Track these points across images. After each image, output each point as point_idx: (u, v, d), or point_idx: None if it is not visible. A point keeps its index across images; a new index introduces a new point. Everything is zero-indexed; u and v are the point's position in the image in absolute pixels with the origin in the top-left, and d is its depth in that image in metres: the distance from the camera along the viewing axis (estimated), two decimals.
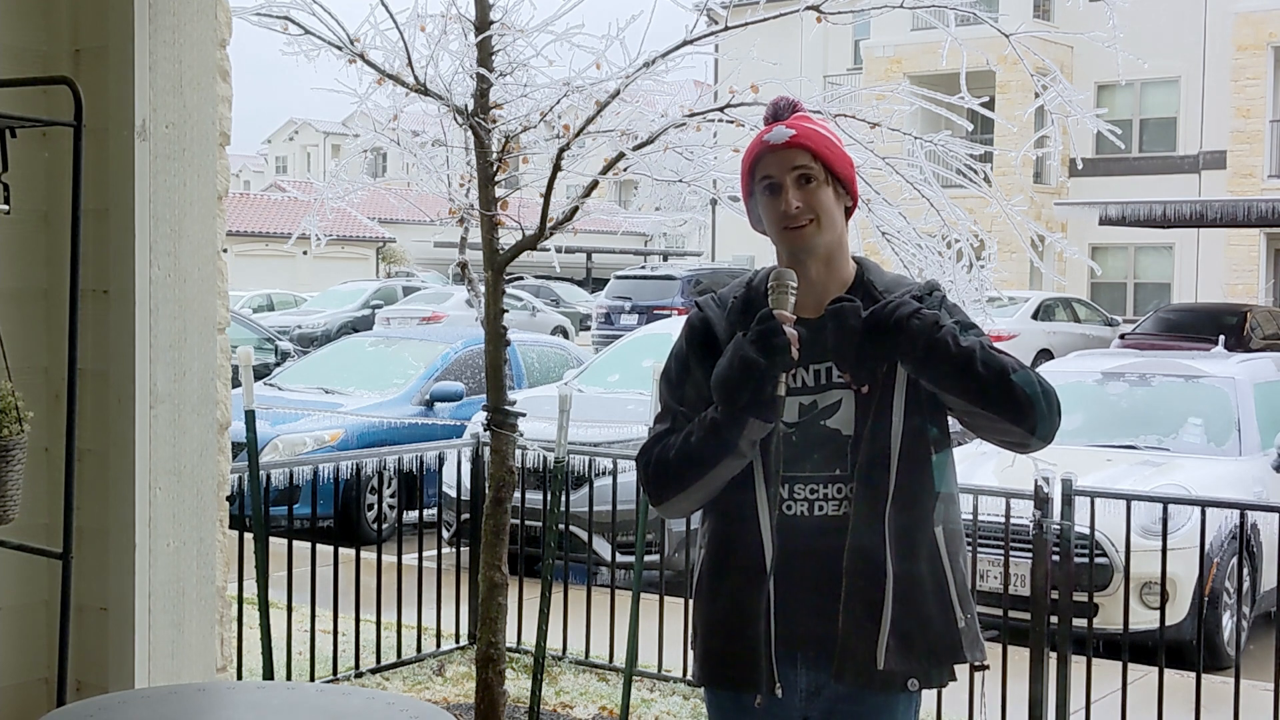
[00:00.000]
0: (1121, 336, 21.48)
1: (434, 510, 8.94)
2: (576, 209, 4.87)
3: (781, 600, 2.58)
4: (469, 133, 4.88)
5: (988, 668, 2.76)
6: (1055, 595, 5.43)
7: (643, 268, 32.10)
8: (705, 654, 2.71)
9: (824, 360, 2.61)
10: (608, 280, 28.78)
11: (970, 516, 5.51)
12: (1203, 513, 5.39)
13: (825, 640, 2.59)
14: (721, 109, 4.68)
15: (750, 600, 2.60)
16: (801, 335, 2.52)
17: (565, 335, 27.05)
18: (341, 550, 6.18)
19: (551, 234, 4.87)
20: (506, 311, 5.00)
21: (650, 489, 2.69)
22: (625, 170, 4.87)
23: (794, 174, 2.62)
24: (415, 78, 4.79)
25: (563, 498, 6.49)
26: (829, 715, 2.63)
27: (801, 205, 2.61)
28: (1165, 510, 5.46)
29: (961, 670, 2.72)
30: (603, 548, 7.98)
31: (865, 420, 2.58)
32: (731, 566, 2.64)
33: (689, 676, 6.31)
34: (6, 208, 3.11)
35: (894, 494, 2.56)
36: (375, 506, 10.31)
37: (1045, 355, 20.85)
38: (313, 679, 6.02)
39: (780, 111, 2.73)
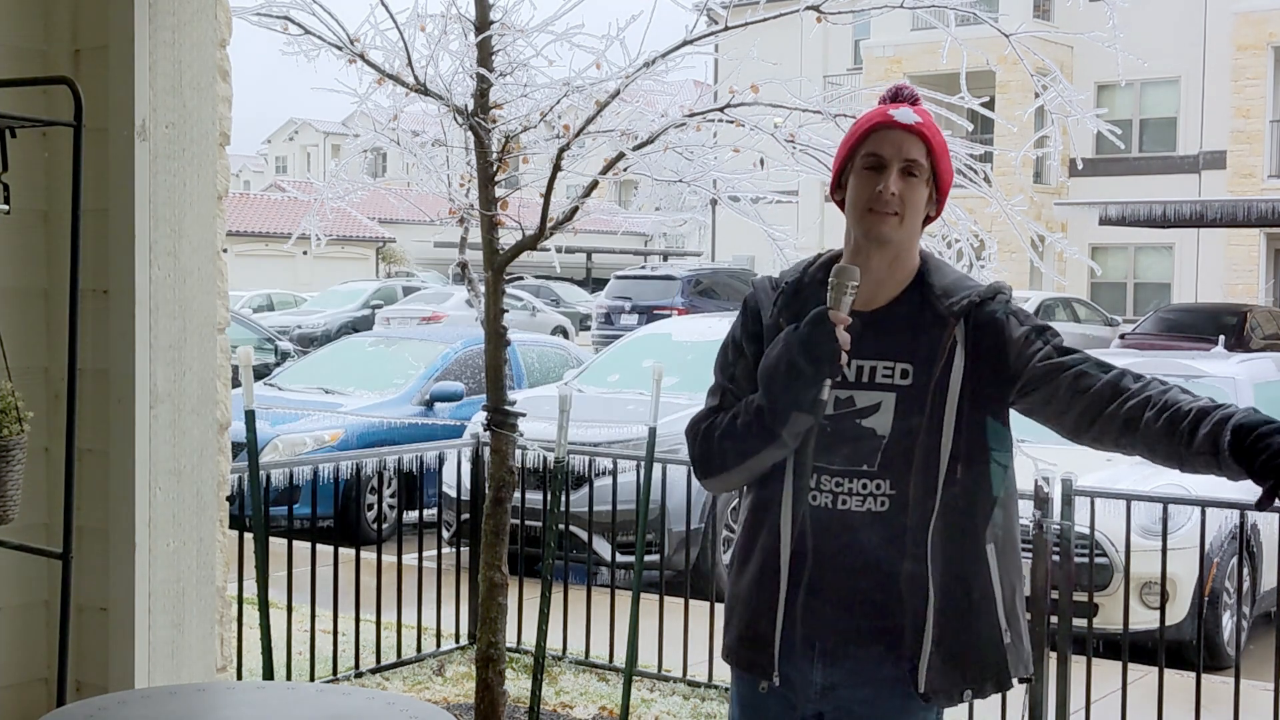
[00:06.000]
0: (1121, 336, 21.48)
1: (434, 510, 8.94)
2: (576, 209, 4.87)
3: (797, 591, 2.57)
4: (469, 133, 4.88)
5: (1031, 681, 2.73)
6: (1055, 595, 5.43)
7: (643, 268, 32.12)
8: (727, 630, 2.72)
9: (872, 358, 2.56)
10: (608, 280, 28.81)
11: None
12: (1203, 513, 5.38)
13: (843, 636, 2.57)
14: (721, 109, 4.67)
15: (767, 587, 2.60)
16: (854, 330, 2.48)
17: (565, 335, 27.04)
18: (341, 550, 6.18)
19: (551, 234, 4.87)
20: (506, 311, 5.00)
21: (696, 463, 2.71)
22: (625, 170, 4.87)
23: (903, 162, 2.55)
24: (415, 78, 4.79)
25: (563, 498, 6.49)
26: (844, 714, 2.61)
27: (897, 195, 2.54)
28: (1165, 510, 5.46)
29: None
30: (603, 548, 7.98)
31: (915, 422, 2.52)
32: (755, 550, 2.64)
33: (691, 674, 6.32)
34: (6, 208, 3.11)
35: (942, 501, 2.51)
36: (375, 506, 10.31)
37: None
38: (313, 679, 6.02)
39: (902, 99, 2.67)
